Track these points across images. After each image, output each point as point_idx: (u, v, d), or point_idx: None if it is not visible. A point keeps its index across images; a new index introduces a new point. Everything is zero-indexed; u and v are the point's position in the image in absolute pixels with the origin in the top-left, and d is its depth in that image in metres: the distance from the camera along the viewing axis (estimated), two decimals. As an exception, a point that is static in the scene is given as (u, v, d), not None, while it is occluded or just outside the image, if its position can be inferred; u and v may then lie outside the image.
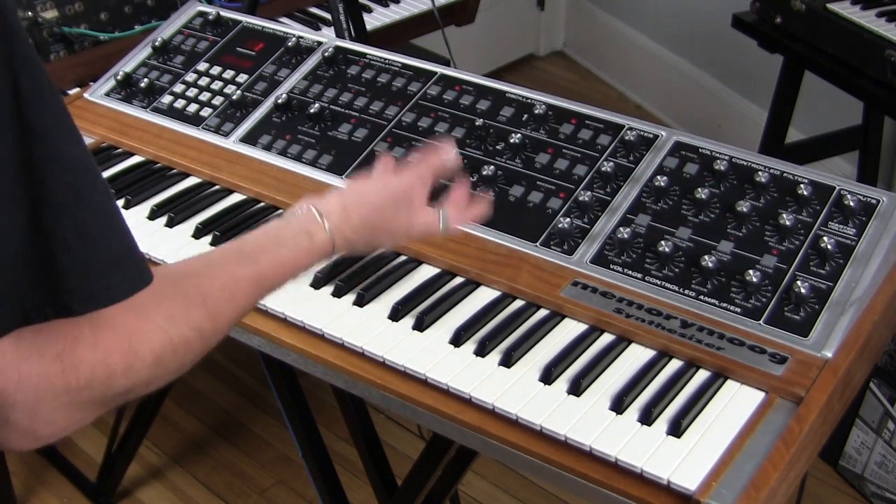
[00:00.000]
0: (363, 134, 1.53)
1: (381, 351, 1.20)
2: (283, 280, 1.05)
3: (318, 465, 1.86)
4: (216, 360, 2.71)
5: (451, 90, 1.54)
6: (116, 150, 1.65)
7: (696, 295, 1.22)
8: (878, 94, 2.07)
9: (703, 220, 1.29)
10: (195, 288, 0.92)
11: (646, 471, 1.02)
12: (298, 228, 1.08)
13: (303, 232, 1.08)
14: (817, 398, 1.09)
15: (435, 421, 1.16)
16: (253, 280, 0.99)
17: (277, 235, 1.06)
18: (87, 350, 0.80)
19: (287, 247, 1.05)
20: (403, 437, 2.39)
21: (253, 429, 2.52)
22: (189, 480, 2.39)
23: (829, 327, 1.16)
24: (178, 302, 0.89)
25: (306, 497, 2.33)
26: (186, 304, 0.90)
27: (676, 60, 3.65)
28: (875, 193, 1.28)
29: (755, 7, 2.34)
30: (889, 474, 2.17)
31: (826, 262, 1.22)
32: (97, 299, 0.80)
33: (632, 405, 1.11)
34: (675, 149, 1.38)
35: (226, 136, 1.61)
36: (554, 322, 1.24)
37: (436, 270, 1.33)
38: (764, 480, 1.00)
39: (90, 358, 0.80)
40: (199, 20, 1.83)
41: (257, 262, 1.00)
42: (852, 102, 2.32)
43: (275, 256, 1.03)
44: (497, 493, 2.32)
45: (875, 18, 2.10)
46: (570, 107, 1.47)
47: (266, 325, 1.28)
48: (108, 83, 1.76)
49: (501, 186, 1.40)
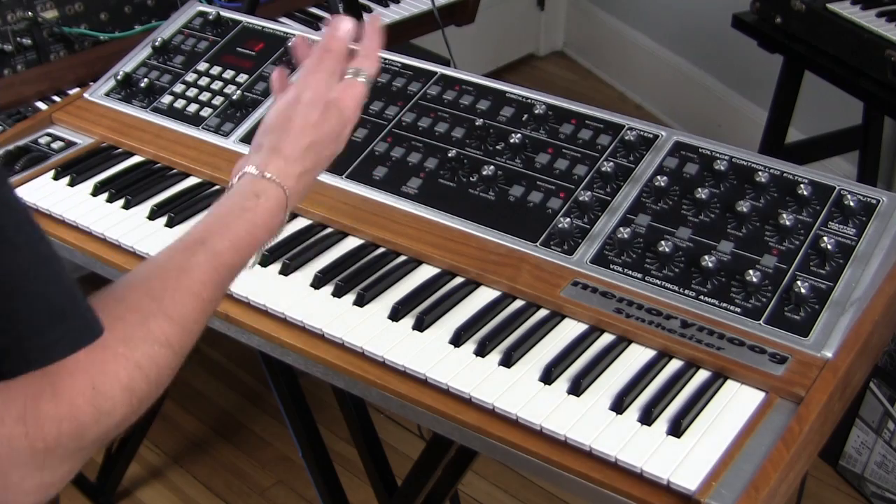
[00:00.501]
0: (363, 134, 1.53)
1: (381, 351, 1.20)
2: (245, 255, 0.96)
3: (318, 465, 1.86)
4: (216, 360, 2.71)
5: (451, 90, 1.54)
6: (116, 150, 1.65)
7: (696, 295, 1.22)
8: (878, 94, 2.07)
9: (703, 220, 1.29)
10: (146, 297, 0.84)
11: (646, 471, 1.02)
12: (241, 194, 0.99)
13: (247, 195, 0.99)
14: (817, 398, 1.09)
15: (435, 421, 1.16)
16: (208, 265, 0.90)
17: (220, 212, 0.97)
18: (50, 405, 0.72)
19: (235, 217, 0.96)
20: (403, 437, 2.39)
21: (253, 429, 2.52)
22: (189, 480, 2.39)
23: (829, 327, 1.16)
24: (132, 318, 0.81)
25: (306, 497, 2.33)
26: (142, 319, 0.81)
27: (676, 60, 3.65)
28: (875, 193, 1.28)
29: (755, 7, 2.35)
30: (889, 474, 2.17)
31: (826, 262, 1.22)
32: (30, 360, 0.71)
33: (632, 405, 1.10)
34: (675, 149, 1.38)
35: (226, 136, 1.61)
36: (554, 322, 1.24)
37: (436, 270, 1.33)
38: (764, 480, 1.00)
39: (54, 413, 0.72)
40: (199, 20, 1.83)
41: (206, 245, 0.91)
42: (852, 102, 2.32)
43: (225, 232, 0.94)
44: (497, 493, 2.32)
45: (875, 18, 2.10)
46: (570, 107, 1.47)
47: (266, 325, 1.28)
48: (108, 83, 1.76)
49: (501, 186, 1.40)
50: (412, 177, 1.45)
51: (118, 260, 1.42)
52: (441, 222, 1.38)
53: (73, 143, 1.67)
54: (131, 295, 0.83)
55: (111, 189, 1.52)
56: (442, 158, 1.45)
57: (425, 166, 1.45)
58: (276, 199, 1.00)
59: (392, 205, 1.42)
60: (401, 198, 1.43)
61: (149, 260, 0.91)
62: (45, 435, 0.72)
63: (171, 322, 0.83)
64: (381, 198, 1.44)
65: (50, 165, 1.60)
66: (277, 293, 1.30)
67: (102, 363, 0.76)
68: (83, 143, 1.67)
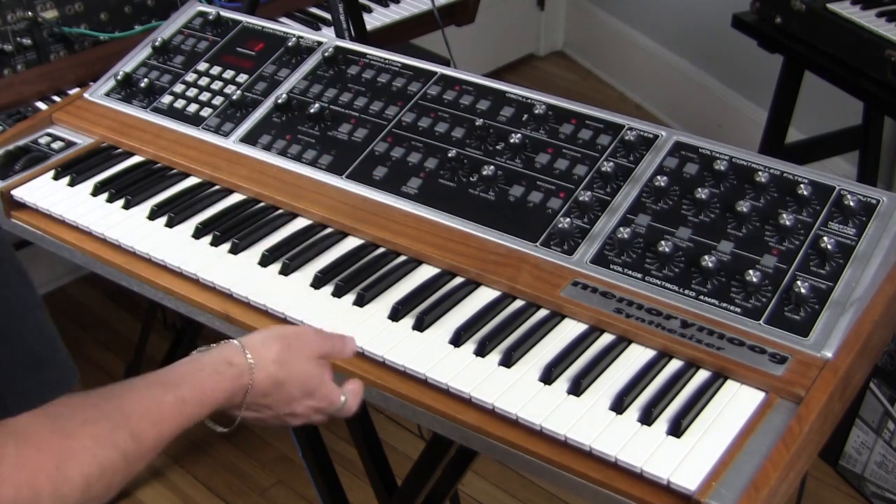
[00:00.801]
0: (363, 134, 1.53)
1: (381, 351, 1.20)
2: (202, 410, 1.01)
3: (318, 465, 1.86)
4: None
5: (451, 90, 1.54)
6: (116, 150, 1.65)
7: (696, 295, 1.22)
8: (878, 94, 2.07)
9: (703, 220, 1.29)
10: (118, 410, 0.89)
11: (646, 471, 1.02)
12: (219, 356, 1.05)
13: (222, 359, 1.04)
14: (817, 398, 1.09)
15: (435, 421, 1.16)
16: (175, 405, 0.96)
17: (197, 363, 1.03)
18: (12, 470, 0.76)
19: (206, 372, 1.02)
20: (403, 437, 2.40)
21: (253, 429, 2.52)
22: (189, 480, 2.39)
23: (829, 327, 1.16)
24: (103, 424, 0.86)
25: (306, 497, 2.33)
26: (111, 426, 0.87)
27: (676, 60, 3.65)
28: (875, 193, 1.28)
29: (755, 7, 2.35)
30: (889, 474, 2.17)
31: (826, 262, 1.22)
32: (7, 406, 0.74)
33: (632, 405, 1.10)
34: (675, 149, 1.38)
35: (226, 136, 1.61)
36: (554, 322, 1.24)
37: (436, 270, 1.33)
38: (764, 480, 1.00)
39: (14, 479, 0.76)
40: (199, 20, 1.83)
41: (178, 388, 0.98)
42: (852, 102, 2.32)
43: (195, 383, 1.00)
44: (497, 493, 2.32)
45: (875, 18, 2.10)
46: (570, 107, 1.47)
47: (266, 325, 1.27)
48: (108, 83, 1.76)
49: (501, 186, 1.40)
50: (412, 177, 1.45)
51: (118, 260, 1.42)
52: (441, 222, 1.38)
53: (73, 143, 1.67)
54: (106, 405, 0.89)
55: (111, 189, 1.52)
56: (442, 158, 1.45)
57: (425, 166, 1.45)
58: (241, 372, 1.05)
59: (392, 205, 1.42)
60: (401, 198, 1.43)
61: (124, 381, 0.96)
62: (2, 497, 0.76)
63: (134, 439, 0.89)
64: (381, 198, 1.44)
65: (50, 165, 1.60)
66: (277, 293, 1.30)
67: (70, 451, 0.80)
68: (83, 143, 1.67)
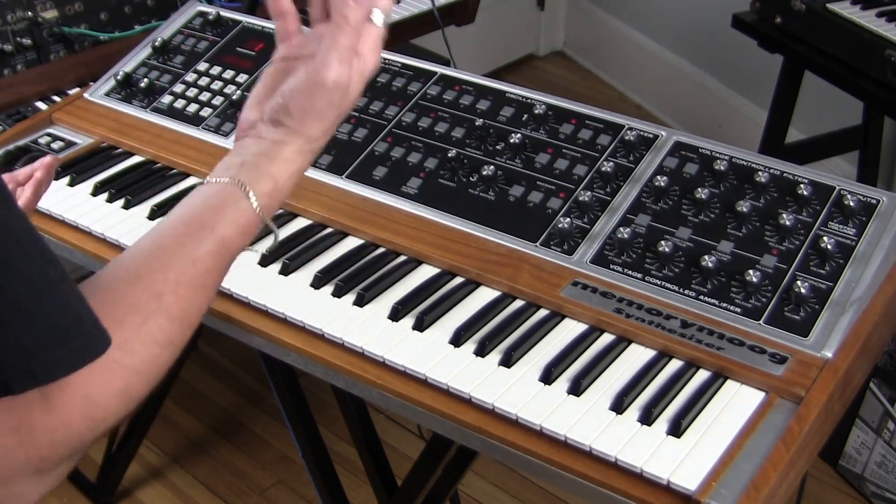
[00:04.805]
0: (363, 134, 1.53)
1: (381, 351, 1.20)
2: (248, 237, 0.90)
3: (318, 465, 1.86)
4: (216, 360, 2.71)
5: (451, 90, 1.54)
6: (116, 150, 1.65)
7: (696, 295, 1.22)
8: (878, 94, 2.07)
9: (703, 220, 1.29)
10: (146, 294, 0.80)
11: (646, 471, 1.02)
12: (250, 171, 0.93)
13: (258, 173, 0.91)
14: (817, 398, 1.09)
15: (435, 421, 1.16)
16: (217, 255, 0.85)
17: (226, 191, 0.90)
18: (42, 416, 0.74)
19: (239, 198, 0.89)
20: (403, 437, 2.39)
21: (253, 429, 2.52)
22: (189, 480, 2.39)
23: (829, 327, 1.16)
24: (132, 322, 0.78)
25: (306, 497, 2.33)
26: (142, 321, 0.79)
27: (676, 60, 3.65)
28: (875, 193, 1.28)
29: (755, 7, 2.35)
30: (889, 474, 2.17)
31: (826, 262, 1.22)
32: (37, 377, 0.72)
33: (632, 405, 1.10)
34: (675, 149, 1.38)
35: (226, 136, 1.61)
36: (554, 322, 1.24)
37: (436, 270, 1.33)
38: (764, 480, 1.00)
39: (46, 424, 0.74)
40: (199, 20, 1.83)
41: (214, 232, 0.86)
42: (852, 102, 2.32)
43: (232, 216, 0.88)
44: (497, 493, 2.32)
45: (875, 18, 2.10)
46: (570, 107, 1.47)
47: (266, 325, 1.28)
48: (108, 83, 1.76)
49: (501, 186, 1.40)
50: (412, 177, 1.45)
51: (118, 260, 1.42)
52: (441, 222, 1.38)
53: (73, 143, 1.67)
54: (132, 292, 0.79)
55: (111, 189, 1.53)
56: (442, 158, 1.45)
57: (425, 166, 1.45)
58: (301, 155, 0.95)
59: (392, 205, 1.42)
60: (401, 198, 1.43)
61: (149, 243, 0.84)
62: (39, 445, 0.74)
63: (172, 320, 0.80)
64: (381, 198, 1.44)
65: (50, 165, 1.60)
66: (277, 293, 1.30)
67: (98, 373, 0.75)
68: (83, 143, 1.67)
